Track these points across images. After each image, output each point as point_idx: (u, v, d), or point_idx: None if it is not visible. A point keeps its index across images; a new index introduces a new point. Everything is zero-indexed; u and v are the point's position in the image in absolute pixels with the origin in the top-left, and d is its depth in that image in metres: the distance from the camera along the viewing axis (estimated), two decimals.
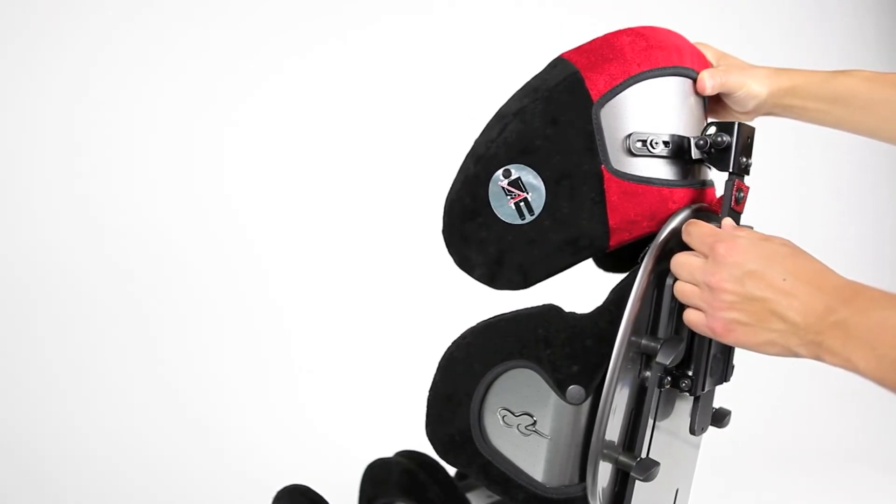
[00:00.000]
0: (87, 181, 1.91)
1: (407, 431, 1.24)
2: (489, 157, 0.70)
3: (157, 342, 1.99)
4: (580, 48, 0.71)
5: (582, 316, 0.71)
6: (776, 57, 1.18)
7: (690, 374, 0.71)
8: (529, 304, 0.74)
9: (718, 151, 0.71)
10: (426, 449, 0.88)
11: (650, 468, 0.69)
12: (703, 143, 0.71)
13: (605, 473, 0.71)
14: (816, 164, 3.03)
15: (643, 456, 0.72)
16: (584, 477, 0.71)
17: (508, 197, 0.70)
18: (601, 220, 0.69)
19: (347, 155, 2.22)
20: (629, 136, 0.69)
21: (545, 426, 0.72)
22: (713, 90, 0.75)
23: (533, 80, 0.73)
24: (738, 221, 0.71)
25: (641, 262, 0.68)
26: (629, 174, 0.69)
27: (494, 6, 2.42)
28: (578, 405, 0.70)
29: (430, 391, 0.78)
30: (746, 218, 0.73)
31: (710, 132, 0.72)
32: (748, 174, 0.73)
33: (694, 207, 0.71)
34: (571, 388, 0.69)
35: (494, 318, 0.74)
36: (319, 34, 2.18)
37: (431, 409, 0.78)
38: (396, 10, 2.27)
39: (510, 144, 0.69)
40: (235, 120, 2.08)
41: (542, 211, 0.69)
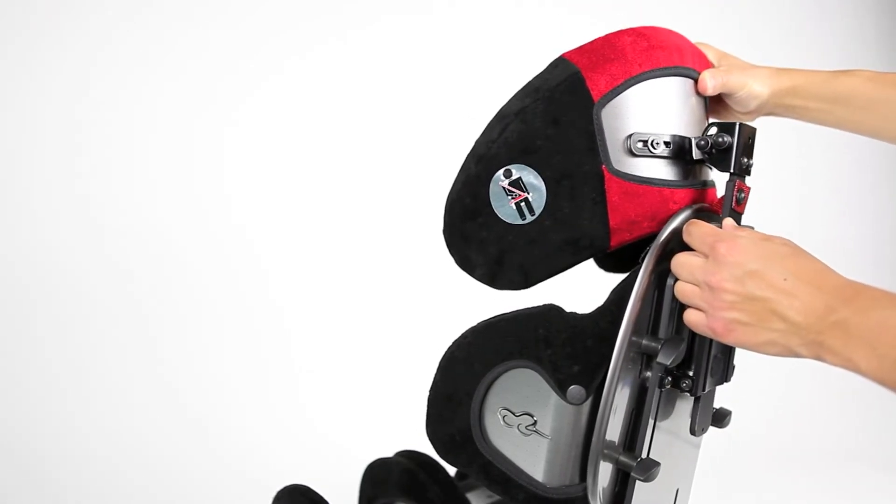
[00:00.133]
0: (87, 181, 1.91)
1: (407, 431, 1.24)
2: (490, 157, 0.70)
3: (157, 342, 1.99)
4: (581, 48, 0.71)
5: (583, 316, 0.71)
6: (776, 57, 1.18)
7: (691, 374, 0.71)
8: (530, 304, 0.74)
9: (719, 152, 0.70)
10: (426, 449, 0.88)
11: (651, 468, 0.69)
12: (704, 143, 0.70)
13: (605, 473, 0.71)
14: (817, 164, 3.02)
15: (644, 456, 0.72)
16: (584, 477, 0.71)
17: (509, 197, 0.70)
18: (602, 220, 0.69)
19: (347, 155, 2.22)
20: (630, 136, 0.68)
21: (546, 426, 0.72)
22: (714, 90, 0.75)
23: (534, 80, 0.72)
24: (739, 222, 0.71)
25: (642, 262, 0.68)
26: (630, 174, 0.69)
27: (494, 6, 2.42)
28: (579, 405, 0.70)
29: (430, 391, 0.78)
30: (747, 218, 0.73)
31: (711, 133, 0.72)
32: (749, 175, 0.73)
33: (695, 208, 0.71)
34: (572, 388, 0.69)
35: (495, 317, 0.74)
36: (319, 34, 2.18)
37: (432, 408, 0.78)
38: (396, 10, 2.27)
39: (511, 144, 0.69)
40: (235, 120, 2.08)
41: (542, 211, 0.69)
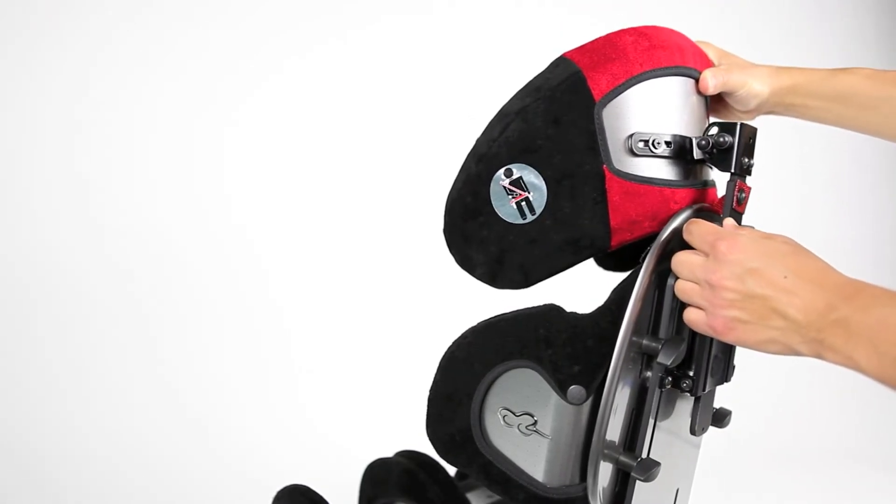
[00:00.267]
0: (87, 181, 1.91)
1: (407, 431, 1.24)
2: (491, 156, 0.70)
3: (157, 342, 1.99)
4: (582, 47, 0.71)
5: (583, 316, 0.71)
6: (776, 57, 1.18)
7: (691, 374, 0.71)
8: (530, 303, 0.73)
9: (720, 152, 0.70)
10: (426, 449, 0.88)
11: (651, 468, 0.69)
12: (705, 143, 0.70)
13: (605, 473, 0.71)
14: (817, 163, 3.02)
15: (644, 456, 0.72)
16: (584, 477, 0.71)
17: (510, 196, 0.69)
18: (603, 220, 0.69)
19: (347, 155, 2.22)
20: (631, 135, 0.68)
21: (546, 426, 0.72)
22: (715, 89, 0.75)
23: (535, 79, 0.72)
24: (739, 222, 0.71)
25: (643, 262, 0.68)
26: (631, 174, 0.69)
27: (494, 6, 2.42)
28: (579, 405, 0.70)
29: (430, 391, 0.78)
30: (748, 216, 0.73)
31: (712, 132, 0.72)
32: (750, 175, 0.73)
33: (695, 207, 0.71)
34: (572, 388, 0.69)
35: (495, 317, 0.74)
36: (319, 34, 2.18)
37: (432, 408, 0.78)
38: (396, 10, 2.27)
39: (512, 144, 0.69)
40: (235, 120, 2.08)
41: (543, 210, 0.69)
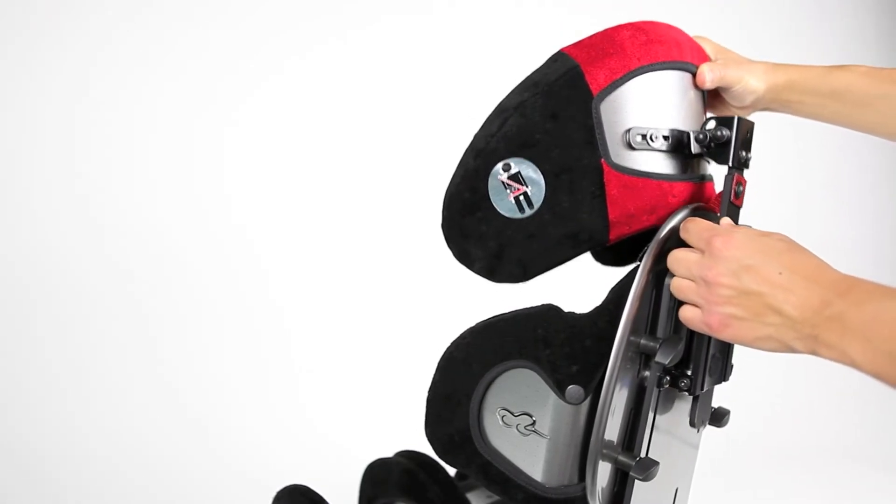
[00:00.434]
0: (87, 181, 1.91)
1: (407, 431, 1.24)
2: (489, 151, 0.70)
3: (157, 342, 1.99)
4: (580, 43, 0.71)
5: (581, 316, 0.71)
6: (776, 57, 1.18)
7: (689, 373, 0.71)
8: (529, 303, 0.74)
9: (718, 146, 0.71)
10: (426, 449, 0.88)
11: (649, 468, 0.69)
12: (702, 137, 0.71)
13: (604, 473, 0.71)
14: (815, 160, 3.03)
15: (642, 455, 0.72)
16: (583, 477, 0.71)
17: (508, 191, 0.69)
18: (601, 213, 0.69)
19: (347, 155, 2.22)
20: (629, 130, 0.68)
21: (544, 426, 0.72)
22: (712, 84, 0.75)
23: (533, 74, 0.72)
24: (737, 215, 0.71)
25: (641, 261, 0.68)
26: (629, 168, 0.68)
27: (494, 6, 2.42)
28: (577, 405, 0.70)
29: (429, 391, 0.78)
30: (745, 212, 0.73)
31: (709, 126, 0.72)
32: (748, 168, 0.73)
33: (692, 206, 0.71)
34: (570, 387, 0.69)
35: (494, 318, 0.74)
36: (319, 34, 2.18)
37: (430, 409, 0.78)
38: (396, 10, 2.27)
39: (510, 138, 0.69)
40: (235, 120, 2.08)
41: (541, 205, 0.69)
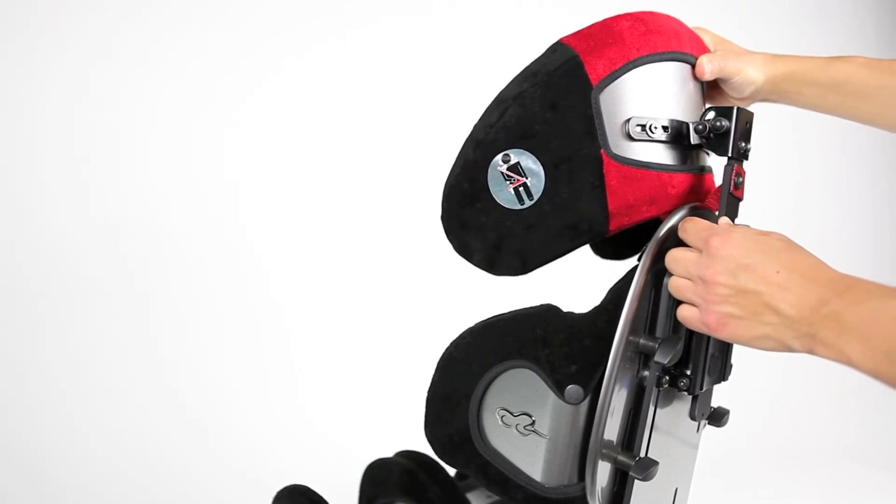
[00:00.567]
0: (86, 182, 1.91)
1: (407, 431, 1.24)
2: (488, 141, 0.70)
3: (157, 342, 1.99)
4: (579, 33, 0.71)
5: (580, 316, 0.71)
6: None
7: (688, 372, 0.71)
8: (528, 303, 0.74)
9: (717, 136, 0.70)
10: (426, 449, 0.88)
11: (649, 467, 0.69)
12: (702, 127, 0.70)
13: (603, 473, 0.71)
14: (813, 154, 3.03)
15: (642, 455, 0.72)
16: (582, 476, 0.71)
17: (507, 182, 0.69)
18: (601, 204, 0.68)
19: (347, 155, 2.22)
20: (628, 120, 0.68)
21: (544, 426, 0.72)
22: (712, 75, 0.75)
23: (532, 64, 0.72)
24: (737, 207, 0.71)
25: (639, 261, 0.68)
26: (628, 158, 0.68)
27: (494, 6, 2.42)
28: (577, 405, 0.70)
29: (428, 391, 0.78)
30: (744, 207, 0.73)
31: (709, 117, 0.71)
32: (747, 159, 0.73)
33: (691, 206, 0.71)
34: (570, 387, 0.69)
35: (493, 318, 0.74)
36: (319, 34, 2.18)
37: (430, 409, 0.78)
38: (396, 10, 2.27)
39: (509, 129, 0.69)
40: (235, 120, 2.08)
41: (541, 196, 0.68)
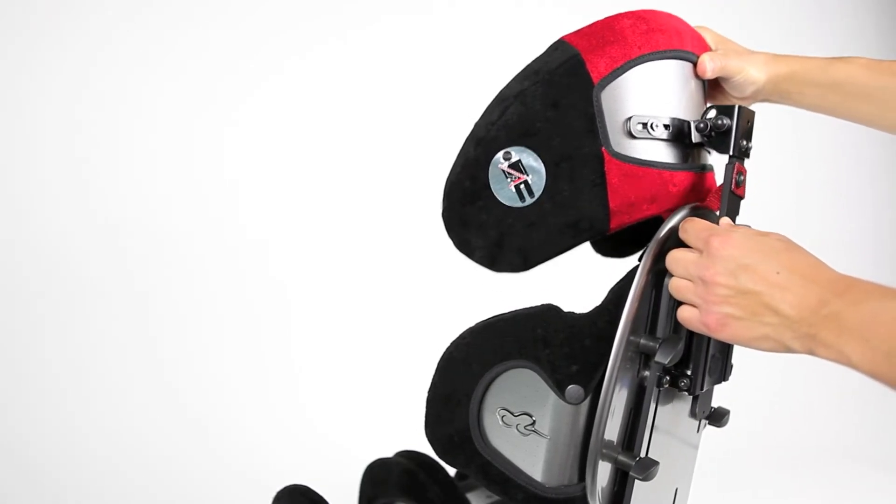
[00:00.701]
0: (86, 182, 1.91)
1: (407, 431, 1.23)
2: (490, 139, 0.70)
3: (157, 342, 1.99)
4: (581, 31, 0.71)
5: (581, 316, 0.71)
6: None
7: (689, 373, 0.71)
8: (529, 303, 0.74)
9: (719, 135, 0.70)
10: (426, 449, 0.88)
11: (649, 467, 0.69)
12: (703, 126, 0.70)
13: (604, 473, 0.71)
14: (813, 155, 3.03)
15: (642, 455, 0.72)
16: (583, 476, 0.71)
17: (508, 179, 0.69)
18: (602, 202, 0.68)
19: (347, 155, 2.22)
20: (630, 118, 0.68)
21: (544, 426, 0.72)
22: (713, 73, 0.75)
23: (533, 62, 0.72)
24: (738, 206, 0.71)
25: (640, 261, 0.68)
26: (630, 157, 0.68)
27: (494, 6, 2.42)
28: (577, 405, 0.70)
29: (428, 392, 0.78)
30: (744, 207, 0.73)
31: (710, 115, 0.71)
32: (748, 157, 0.73)
33: (691, 207, 0.71)
34: (570, 387, 0.69)
35: (493, 318, 0.74)
36: (319, 34, 2.18)
37: (430, 409, 0.78)
38: (396, 10, 2.27)
39: (511, 127, 0.69)
40: (235, 120, 2.08)
41: (542, 193, 0.68)
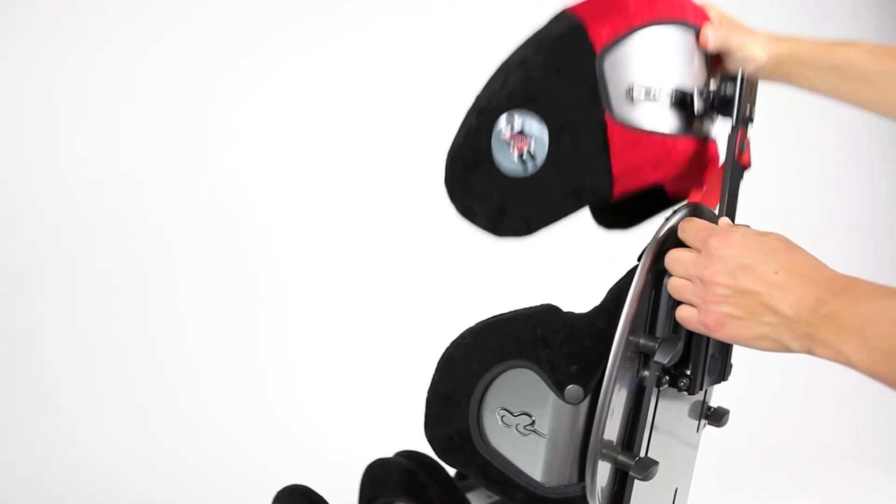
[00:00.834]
0: (85, 182, 1.91)
1: (407, 431, 1.23)
2: (492, 108, 0.70)
3: (157, 342, 1.99)
4: (583, 3, 0.71)
5: (580, 315, 0.71)
6: None
7: (688, 372, 0.71)
8: (528, 303, 0.74)
9: (722, 102, 0.70)
10: (426, 449, 0.88)
11: (649, 467, 0.69)
12: (706, 94, 0.70)
13: (603, 473, 0.71)
14: (813, 155, 3.03)
15: (642, 455, 0.72)
16: (582, 476, 0.71)
17: (511, 146, 0.69)
18: (605, 168, 0.68)
19: (348, 155, 2.22)
20: (632, 85, 0.68)
21: (544, 426, 0.72)
22: (715, 45, 0.75)
23: (536, 33, 0.72)
24: (742, 175, 0.70)
25: (640, 260, 0.68)
26: (632, 123, 0.68)
27: (494, 6, 2.42)
28: (577, 405, 0.70)
29: (428, 391, 0.78)
30: (744, 207, 0.73)
31: (713, 83, 0.72)
32: (752, 122, 0.73)
33: (691, 207, 0.71)
34: (570, 387, 0.69)
35: (493, 318, 0.74)
36: (319, 34, 2.18)
37: (430, 409, 0.78)
38: (396, 10, 2.27)
39: (513, 94, 0.69)
40: (235, 120, 2.08)
41: (544, 160, 0.68)
